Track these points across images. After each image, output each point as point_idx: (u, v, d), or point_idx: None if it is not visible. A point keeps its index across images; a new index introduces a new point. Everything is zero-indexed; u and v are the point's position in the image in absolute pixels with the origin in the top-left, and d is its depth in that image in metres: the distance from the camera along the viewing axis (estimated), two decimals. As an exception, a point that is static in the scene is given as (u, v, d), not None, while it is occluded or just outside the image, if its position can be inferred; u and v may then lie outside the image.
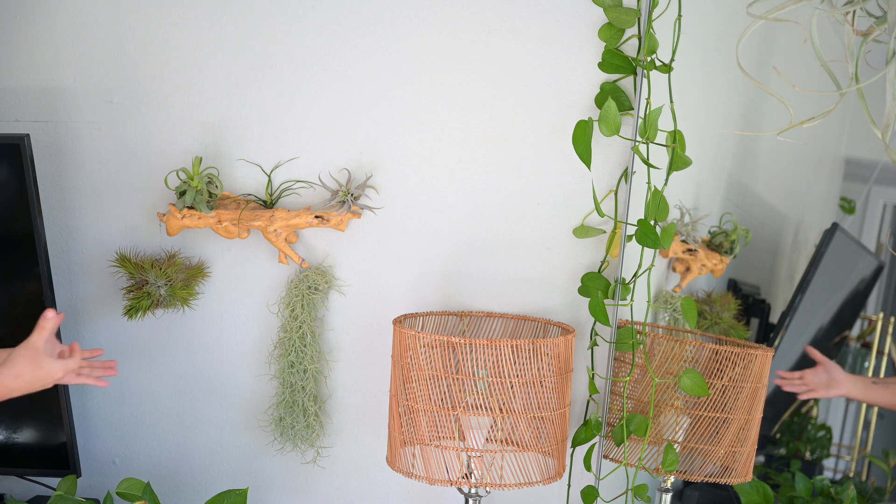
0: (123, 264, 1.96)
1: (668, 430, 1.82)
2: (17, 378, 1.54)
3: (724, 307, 2.04)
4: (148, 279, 1.93)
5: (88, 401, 2.14)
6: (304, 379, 1.99)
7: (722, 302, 2.04)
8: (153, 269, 1.94)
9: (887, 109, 1.48)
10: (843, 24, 1.52)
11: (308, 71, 1.95)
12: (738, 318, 2.07)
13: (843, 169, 2.24)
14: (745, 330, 2.07)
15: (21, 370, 1.54)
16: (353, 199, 1.92)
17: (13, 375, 1.53)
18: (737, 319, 2.06)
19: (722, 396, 1.78)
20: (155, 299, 1.94)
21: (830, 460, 2.32)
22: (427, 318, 1.91)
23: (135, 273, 1.94)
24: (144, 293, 1.93)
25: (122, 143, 2.04)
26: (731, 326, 2.04)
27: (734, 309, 2.05)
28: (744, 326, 2.07)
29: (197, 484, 2.14)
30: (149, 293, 1.93)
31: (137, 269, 1.94)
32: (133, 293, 1.95)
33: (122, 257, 1.98)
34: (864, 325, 2.28)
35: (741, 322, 2.07)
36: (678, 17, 1.72)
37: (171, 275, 1.95)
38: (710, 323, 2.03)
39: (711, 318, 2.03)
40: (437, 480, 1.71)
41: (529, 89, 1.86)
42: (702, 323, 2.03)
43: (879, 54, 1.51)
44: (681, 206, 1.95)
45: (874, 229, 2.22)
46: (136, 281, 1.95)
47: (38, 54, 2.05)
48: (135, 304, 1.93)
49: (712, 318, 2.03)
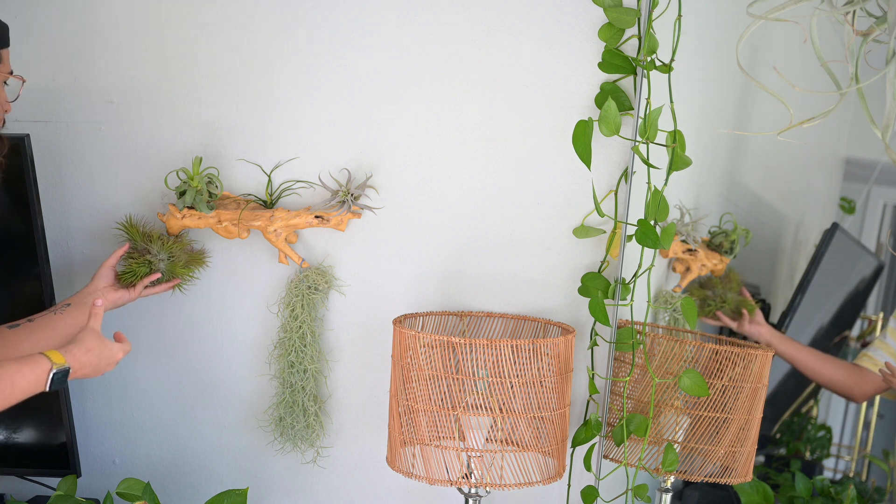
0: (129, 230, 1.93)
1: (668, 430, 1.82)
2: (89, 351, 1.59)
3: (726, 287, 2.03)
4: (151, 249, 1.92)
5: (88, 401, 2.14)
6: (304, 379, 1.99)
7: (723, 283, 2.03)
8: (158, 241, 1.93)
9: (887, 109, 1.48)
10: (843, 24, 1.52)
11: (308, 71, 1.95)
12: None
13: (843, 169, 2.24)
14: (754, 304, 2.06)
15: (91, 345, 1.60)
16: (353, 199, 1.92)
17: (84, 349, 1.58)
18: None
19: (722, 396, 1.78)
20: (154, 270, 1.91)
21: (830, 460, 2.32)
22: (427, 318, 1.91)
23: (139, 240, 1.92)
24: (145, 261, 1.90)
25: (122, 143, 2.04)
26: (739, 304, 2.03)
27: (737, 288, 2.05)
28: (752, 301, 2.06)
29: (197, 484, 2.14)
30: (149, 262, 1.91)
31: (143, 237, 1.92)
32: (134, 259, 1.91)
33: (129, 222, 1.94)
34: (864, 325, 2.28)
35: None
36: (678, 17, 1.72)
37: (174, 251, 1.94)
38: (716, 306, 2.03)
39: (716, 302, 2.03)
40: (437, 480, 1.71)
41: (529, 89, 1.86)
42: (707, 309, 2.03)
43: (879, 54, 1.51)
44: (681, 206, 1.95)
45: (874, 229, 2.23)
46: (139, 248, 1.93)
47: (39, 54, 2.05)
48: (134, 268, 1.89)
49: (717, 303, 2.03)
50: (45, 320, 1.79)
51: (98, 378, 2.12)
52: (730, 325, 2.04)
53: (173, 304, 2.07)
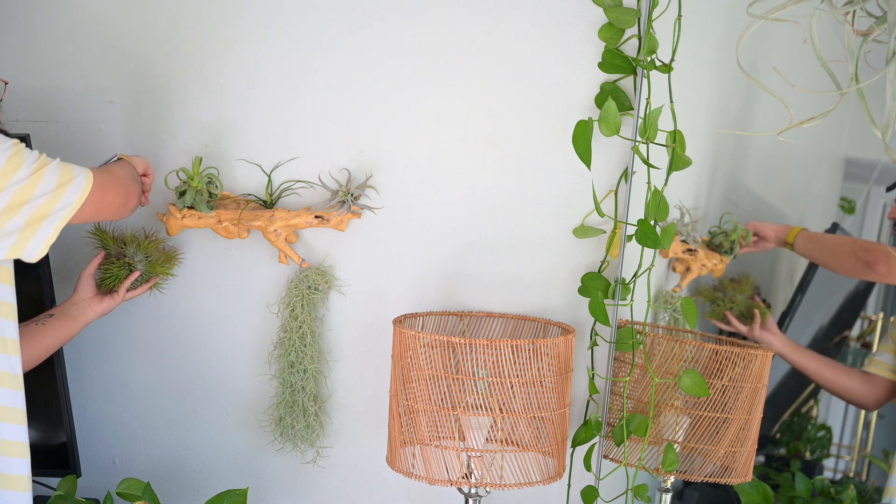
0: (101, 236, 1.93)
1: (668, 430, 1.82)
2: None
3: (736, 290, 2.03)
4: (126, 252, 1.92)
5: (88, 401, 2.14)
6: (304, 379, 1.99)
7: (733, 285, 2.03)
8: (133, 243, 1.93)
9: (887, 109, 1.48)
10: (843, 24, 1.52)
11: (309, 71, 1.95)
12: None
13: (843, 169, 2.24)
14: (766, 306, 2.05)
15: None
16: (353, 199, 1.92)
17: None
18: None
19: (722, 396, 1.78)
20: (133, 271, 1.91)
21: (830, 460, 2.32)
22: (427, 318, 1.91)
23: (112, 245, 1.92)
24: (124, 263, 1.90)
25: (122, 143, 2.04)
26: (749, 307, 2.03)
27: (749, 291, 2.04)
28: (763, 303, 2.05)
29: (197, 484, 2.14)
30: (128, 264, 1.91)
31: (116, 241, 1.92)
32: (112, 264, 1.90)
33: (98, 229, 1.94)
34: (864, 325, 2.28)
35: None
36: (678, 17, 1.72)
37: (150, 251, 1.94)
38: (724, 308, 2.03)
39: (725, 303, 2.03)
40: (437, 480, 1.71)
41: (529, 89, 1.86)
42: (716, 310, 2.03)
43: (879, 54, 1.51)
44: (681, 206, 1.95)
45: (874, 229, 2.22)
46: (114, 253, 1.92)
47: (39, 54, 2.05)
48: (114, 272, 1.89)
49: (726, 304, 2.03)
50: (26, 331, 1.77)
51: (98, 378, 2.13)
52: (739, 329, 2.03)
53: (173, 305, 2.07)
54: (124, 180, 1.72)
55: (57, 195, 1.55)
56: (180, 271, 2.04)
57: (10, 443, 1.55)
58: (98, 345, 2.12)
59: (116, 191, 1.68)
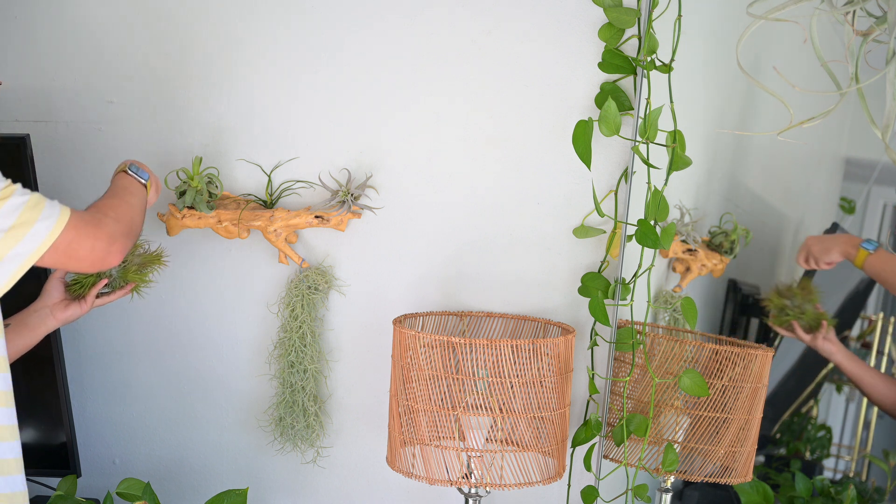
0: None
1: (668, 430, 1.82)
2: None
3: (805, 298, 2.02)
4: None
5: (88, 401, 2.14)
6: (304, 379, 1.99)
7: (803, 294, 2.02)
8: None
9: (887, 109, 1.48)
10: (843, 24, 1.52)
11: (308, 71, 1.95)
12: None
13: (843, 169, 2.24)
14: (833, 319, 2.05)
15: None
16: (353, 199, 1.92)
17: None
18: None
19: (722, 396, 1.78)
20: (102, 277, 1.81)
21: (830, 460, 2.32)
22: (427, 318, 1.91)
23: None
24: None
25: (122, 143, 2.04)
26: (817, 317, 2.01)
27: (816, 300, 2.03)
28: (828, 316, 2.04)
29: (197, 484, 2.14)
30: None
31: None
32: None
33: None
34: (864, 325, 2.28)
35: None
36: (678, 17, 1.72)
37: (125, 257, 1.76)
38: (793, 317, 2.02)
39: (794, 313, 2.02)
40: (437, 480, 1.71)
41: (529, 89, 1.86)
42: (783, 318, 2.02)
43: (879, 54, 1.51)
44: (681, 206, 1.95)
45: (874, 229, 2.22)
46: None
47: (39, 54, 2.05)
48: (81, 278, 1.79)
49: (794, 313, 2.02)
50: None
51: (98, 378, 2.13)
52: (802, 339, 2.03)
53: (173, 305, 2.07)
54: (123, 218, 1.54)
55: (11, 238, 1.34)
56: (181, 272, 2.04)
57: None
58: (98, 345, 2.12)
59: (97, 237, 1.47)
